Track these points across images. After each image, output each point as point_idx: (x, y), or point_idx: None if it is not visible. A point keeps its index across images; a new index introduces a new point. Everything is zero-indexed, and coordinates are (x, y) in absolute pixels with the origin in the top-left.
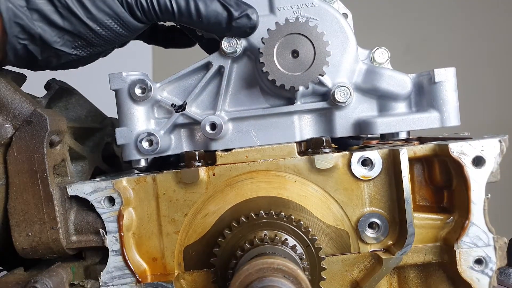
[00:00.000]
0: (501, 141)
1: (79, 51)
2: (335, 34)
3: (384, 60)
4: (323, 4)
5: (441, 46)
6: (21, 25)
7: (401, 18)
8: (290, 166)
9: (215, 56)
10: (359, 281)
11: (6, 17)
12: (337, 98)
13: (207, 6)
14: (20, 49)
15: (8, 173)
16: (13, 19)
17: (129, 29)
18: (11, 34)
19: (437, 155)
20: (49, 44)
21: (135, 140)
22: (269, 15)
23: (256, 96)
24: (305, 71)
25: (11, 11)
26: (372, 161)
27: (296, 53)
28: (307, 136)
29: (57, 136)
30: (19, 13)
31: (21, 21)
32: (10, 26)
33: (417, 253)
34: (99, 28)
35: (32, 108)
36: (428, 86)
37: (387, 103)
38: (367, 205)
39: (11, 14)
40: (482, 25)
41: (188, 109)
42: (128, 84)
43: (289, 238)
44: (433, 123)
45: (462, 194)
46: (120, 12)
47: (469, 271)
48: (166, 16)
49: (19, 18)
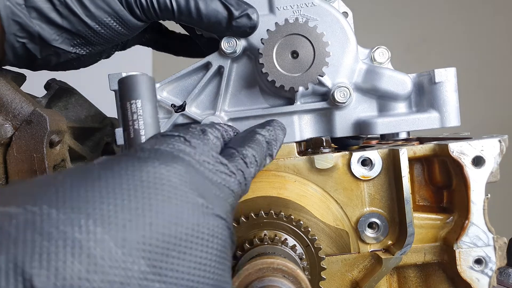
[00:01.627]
0: (501, 141)
1: (78, 49)
2: (335, 34)
3: (384, 59)
4: (323, 4)
5: (441, 46)
6: (19, 23)
7: (401, 17)
8: (289, 166)
9: (215, 56)
10: (359, 281)
11: (4, 15)
12: (337, 99)
13: (207, 5)
14: (19, 48)
15: (8, 173)
16: (11, 17)
17: (128, 27)
18: (9, 32)
19: (437, 155)
20: (48, 42)
21: None
22: (269, 14)
23: (255, 96)
24: (305, 72)
25: (9, 9)
26: (372, 161)
27: (296, 54)
28: (307, 136)
29: (57, 136)
30: (17, 11)
31: (19, 19)
32: (8, 24)
33: (417, 253)
34: (98, 26)
35: (32, 108)
36: (428, 86)
37: (387, 103)
38: (367, 205)
39: (9, 12)
40: (482, 25)
41: (188, 109)
42: None
43: (289, 238)
44: (433, 124)
45: (462, 194)
46: (119, 10)
47: (469, 271)
48: (166, 14)
49: (17, 16)
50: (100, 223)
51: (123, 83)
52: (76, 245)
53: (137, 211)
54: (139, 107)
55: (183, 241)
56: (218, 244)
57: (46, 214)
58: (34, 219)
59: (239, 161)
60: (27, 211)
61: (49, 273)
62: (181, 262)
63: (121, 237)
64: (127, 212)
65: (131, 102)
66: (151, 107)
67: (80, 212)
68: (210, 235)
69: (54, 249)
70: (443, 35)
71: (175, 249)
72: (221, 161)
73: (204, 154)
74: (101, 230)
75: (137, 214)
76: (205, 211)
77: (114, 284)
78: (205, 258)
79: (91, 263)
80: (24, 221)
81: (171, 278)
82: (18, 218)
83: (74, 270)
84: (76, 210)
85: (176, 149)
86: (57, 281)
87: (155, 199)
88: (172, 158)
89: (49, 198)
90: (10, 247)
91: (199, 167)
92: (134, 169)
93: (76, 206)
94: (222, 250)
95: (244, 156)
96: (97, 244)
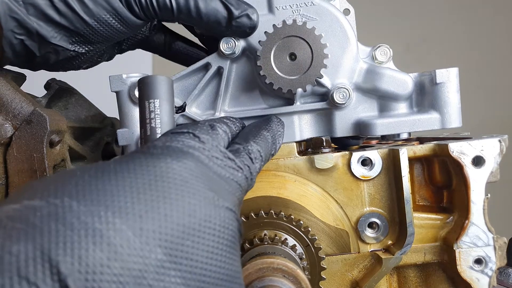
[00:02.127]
0: (501, 141)
1: (77, 47)
2: (335, 34)
3: (386, 58)
4: (323, 3)
5: (441, 46)
6: (17, 19)
7: (401, 17)
8: (289, 165)
9: (214, 56)
10: (359, 281)
11: (1, 11)
12: (336, 100)
13: (207, 4)
14: (17, 45)
15: (8, 173)
16: (8, 13)
17: (127, 25)
18: (7, 28)
19: (437, 155)
20: (46, 39)
21: (136, 141)
22: (268, 14)
23: (255, 96)
24: (303, 74)
25: (6, 5)
26: (372, 161)
27: (294, 56)
28: (307, 136)
29: (57, 136)
30: (14, 7)
31: (16, 16)
32: (5, 20)
33: (417, 253)
34: (97, 24)
35: (32, 107)
36: (429, 86)
37: (388, 103)
38: (366, 205)
39: (6, 8)
40: (482, 25)
41: (188, 109)
42: (128, 86)
43: (289, 238)
44: (434, 125)
45: (462, 194)
46: (118, 7)
47: (468, 271)
48: (165, 13)
49: (14, 12)
50: (118, 214)
51: (143, 83)
52: (97, 234)
53: (152, 203)
54: (157, 107)
55: (197, 231)
56: (228, 234)
57: (68, 206)
58: (56, 211)
59: (245, 156)
60: (49, 204)
61: (73, 260)
62: (195, 251)
63: (139, 227)
64: (143, 204)
65: (150, 101)
66: (168, 107)
67: (99, 204)
68: (221, 225)
69: (77, 238)
70: (443, 35)
71: (189, 239)
72: (228, 156)
73: (213, 149)
74: (119, 220)
75: (152, 206)
76: (216, 203)
77: (133, 271)
78: (217, 247)
79: (111, 251)
80: (48, 213)
81: (186, 266)
82: (42, 210)
83: (95, 257)
84: (96, 203)
85: (186, 145)
86: (81, 267)
87: (169, 192)
88: (182, 154)
89: (69, 192)
90: (36, 237)
91: (208, 162)
92: (148, 165)
93: (95, 199)
94: (232, 240)
95: (250, 152)
96: (116, 233)
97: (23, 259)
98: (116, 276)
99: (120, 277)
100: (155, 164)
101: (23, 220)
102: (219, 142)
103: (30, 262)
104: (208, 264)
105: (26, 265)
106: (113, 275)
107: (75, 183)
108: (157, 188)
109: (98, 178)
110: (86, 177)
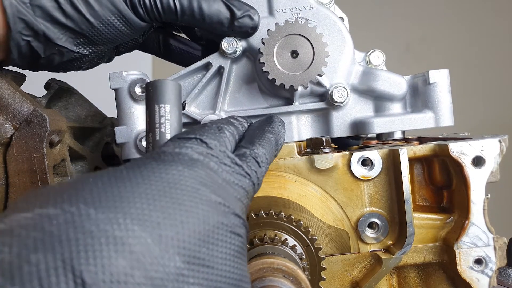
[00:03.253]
0: (501, 141)
1: (81, 48)
2: (333, 36)
3: (379, 62)
4: (320, 7)
5: (440, 46)
6: (25, 21)
7: (401, 17)
8: (290, 166)
9: (215, 56)
10: (359, 281)
11: (10, 13)
12: (334, 98)
13: (210, 5)
14: (24, 46)
15: (8, 173)
16: (17, 15)
17: (131, 27)
18: (15, 30)
19: (437, 155)
20: (53, 41)
21: (134, 139)
22: (268, 17)
23: (255, 96)
24: (304, 71)
25: (15, 7)
26: (372, 161)
27: (296, 54)
28: (305, 136)
29: (57, 136)
30: (22, 9)
31: (24, 17)
32: (14, 22)
33: (417, 253)
34: (102, 25)
35: (31, 107)
36: (422, 87)
37: (383, 104)
38: (367, 205)
39: (15, 10)
40: (482, 25)
41: (188, 108)
42: (128, 83)
43: (289, 238)
44: (427, 123)
45: (462, 194)
46: (123, 9)
47: (469, 271)
48: (169, 15)
49: (22, 14)
50: (137, 222)
51: (153, 86)
52: (118, 242)
53: (168, 210)
54: (168, 112)
55: (211, 238)
56: (238, 241)
57: (85, 213)
58: (73, 219)
59: (252, 161)
60: (65, 212)
61: (97, 269)
62: (210, 258)
63: (157, 234)
64: (159, 211)
65: (160, 106)
66: (178, 113)
67: (117, 211)
68: (232, 232)
69: (98, 247)
70: (443, 35)
71: (205, 246)
72: (236, 162)
73: (221, 155)
74: (138, 228)
75: (169, 213)
76: (226, 210)
77: (155, 280)
78: (229, 254)
79: (133, 260)
80: (65, 221)
81: (203, 273)
82: (58, 219)
83: (118, 266)
84: (113, 210)
85: (196, 152)
86: (105, 276)
87: (182, 199)
88: (192, 161)
89: (84, 199)
90: (56, 245)
91: (218, 169)
92: (160, 172)
93: (112, 206)
94: (241, 246)
95: (256, 156)
96: (136, 241)
97: (44, 269)
98: (139, 286)
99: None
100: (167, 172)
101: (38, 228)
102: (227, 146)
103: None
104: (222, 270)
105: (47, 275)
106: (136, 285)
107: (89, 190)
108: (171, 195)
109: (113, 184)
110: (99, 184)
